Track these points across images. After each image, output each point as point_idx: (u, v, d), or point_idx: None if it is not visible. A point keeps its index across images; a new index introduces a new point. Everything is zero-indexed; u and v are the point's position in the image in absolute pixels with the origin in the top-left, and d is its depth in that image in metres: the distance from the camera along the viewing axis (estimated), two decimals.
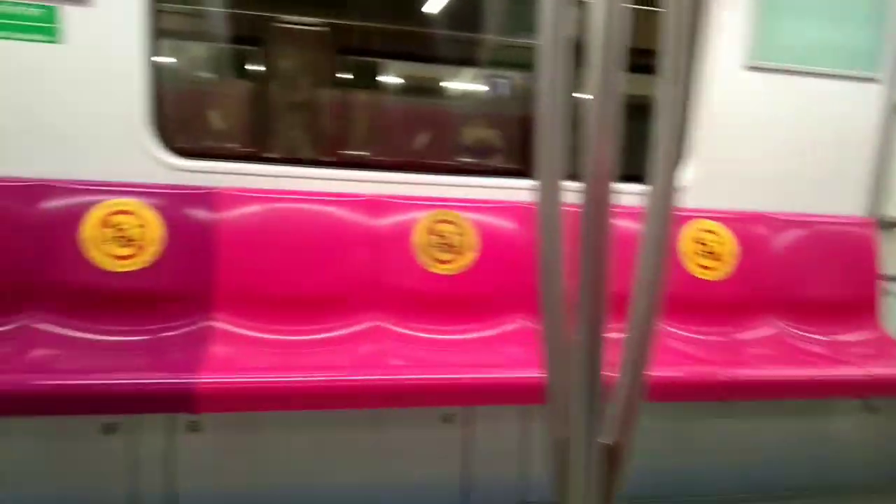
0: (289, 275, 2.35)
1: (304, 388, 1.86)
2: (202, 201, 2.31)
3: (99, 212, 2.23)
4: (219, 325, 2.23)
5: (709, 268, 2.67)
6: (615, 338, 0.97)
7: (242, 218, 2.34)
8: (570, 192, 0.93)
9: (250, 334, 2.25)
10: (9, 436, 1.88)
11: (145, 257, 2.23)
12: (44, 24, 2.21)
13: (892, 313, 2.81)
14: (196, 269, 2.27)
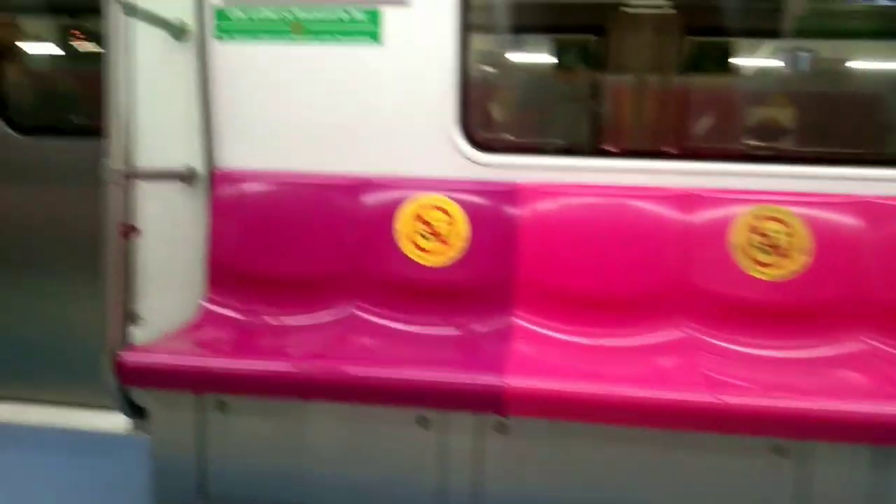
0: (590, 273, 2.23)
1: (619, 401, 1.73)
2: (506, 196, 2.29)
3: (411, 207, 2.32)
4: (520, 323, 2.20)
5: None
6: None
7: (546, 213, 2.27)
8: None
9: (551, 334, 2.18)
10: (324, 417, 1.99)
11: (452, 253, 2.27)
12: (369, 26, 2.34)
13: None
14: (499, 265, 2.25)
